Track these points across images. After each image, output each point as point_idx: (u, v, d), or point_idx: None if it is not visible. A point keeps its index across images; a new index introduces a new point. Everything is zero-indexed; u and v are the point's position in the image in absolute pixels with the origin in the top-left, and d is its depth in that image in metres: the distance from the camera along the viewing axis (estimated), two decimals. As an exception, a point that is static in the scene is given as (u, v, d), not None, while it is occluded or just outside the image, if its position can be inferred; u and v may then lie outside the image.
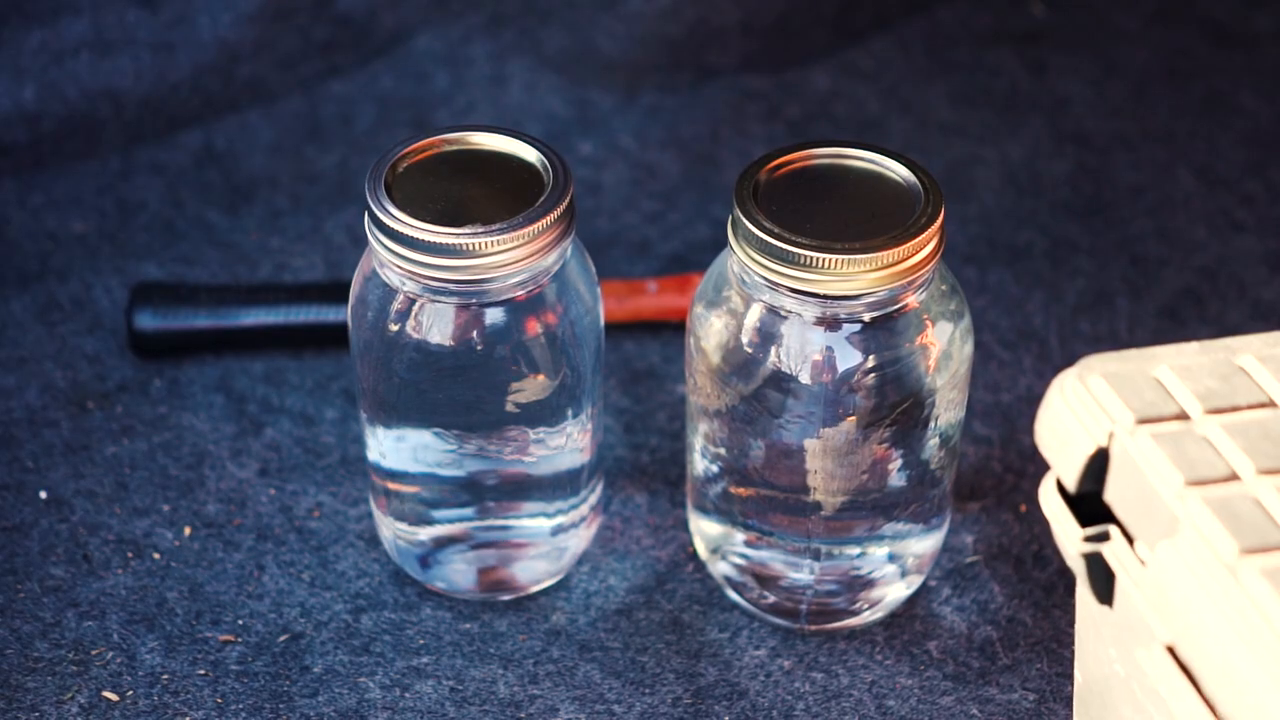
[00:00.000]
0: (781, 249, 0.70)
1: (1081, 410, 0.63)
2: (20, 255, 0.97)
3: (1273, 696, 0.53)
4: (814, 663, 0.78)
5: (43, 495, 0.84)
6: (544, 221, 0.71)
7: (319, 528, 0.83)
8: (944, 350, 0.74)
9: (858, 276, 0.70)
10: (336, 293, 0.92)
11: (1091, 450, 0.62)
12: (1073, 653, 0.78)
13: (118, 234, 0.99)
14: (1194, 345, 0.65)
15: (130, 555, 0.82)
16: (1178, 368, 0.63)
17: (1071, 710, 0.76)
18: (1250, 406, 0.62)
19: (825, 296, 0.71)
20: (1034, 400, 0.90)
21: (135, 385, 0.90)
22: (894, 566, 0.79)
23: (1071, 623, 0.79)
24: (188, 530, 0.83)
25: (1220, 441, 0.60)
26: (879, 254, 0.70)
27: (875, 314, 0.72)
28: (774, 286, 0.71)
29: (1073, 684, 0.76)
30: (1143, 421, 0.61)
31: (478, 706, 0.76)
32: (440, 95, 1.09)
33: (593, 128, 1.07)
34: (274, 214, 1.00)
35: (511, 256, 0.71)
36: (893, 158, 0.74)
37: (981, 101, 1.10)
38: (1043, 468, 0.87)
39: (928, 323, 0.74)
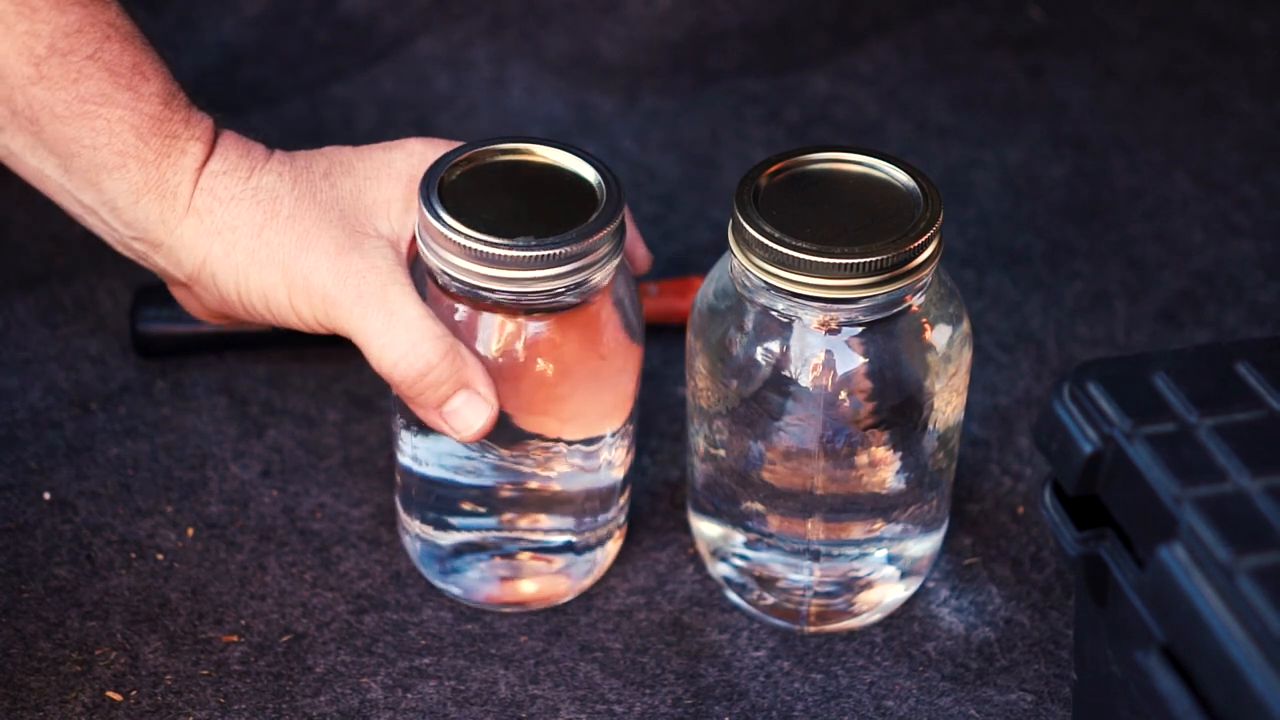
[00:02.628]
0: (782, 253, 0.70)
1: (1079, 414, 0.64)
2: (24, 257, 0.97)
3: (1267, 697, 0.53)
4: (813, 664, 0.78)
5: (46, 496, 0.84)
6: (596, 238, 0.71)
7: (321, 529, 0.84)
8: (943, 353, 0.75)
9: (857, 280, 0.70)
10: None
11: (1089, 453, 0.63)
12: (1070, 654, 0.78)
13: (120, 236, 0.99)
14: (1190, 349, 0.65)
15: (133, 556, 0.82)
16: (1174, 372, 0.64)
17: (1069, 711, 0.76)
18: (1246, 410, 0.62)
19: (825, 300, 0.71)
20: (1032, 403, 0.90)
21: (138, 387, 0.90)
22: (893, 568, 0.79)
23: (1069, 624, 0.80)
24: (190, 531, 0.83)
25: (1216, 445, 0.61)
26: (879, 258, 0.70)
27: (875, 317, 0.72)
28: (774, 290, 0.72)
29: (1070, 685, 0.76)
30: (1140, 425, 0.62)
31: (479, 706, 0.76)
32: (442, 98, 1.09)
33: (593, 131, 1.08)
34: (276, 216, 1.00)
35: (561, 270, 0.71)
36: (892, 162, 0.74)
37: (980, 105, 1.11)
38: (1040, 470, 0.87)
39: (927, 326, 0.74)
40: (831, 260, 0.70)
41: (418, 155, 0.75)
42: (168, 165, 0.73)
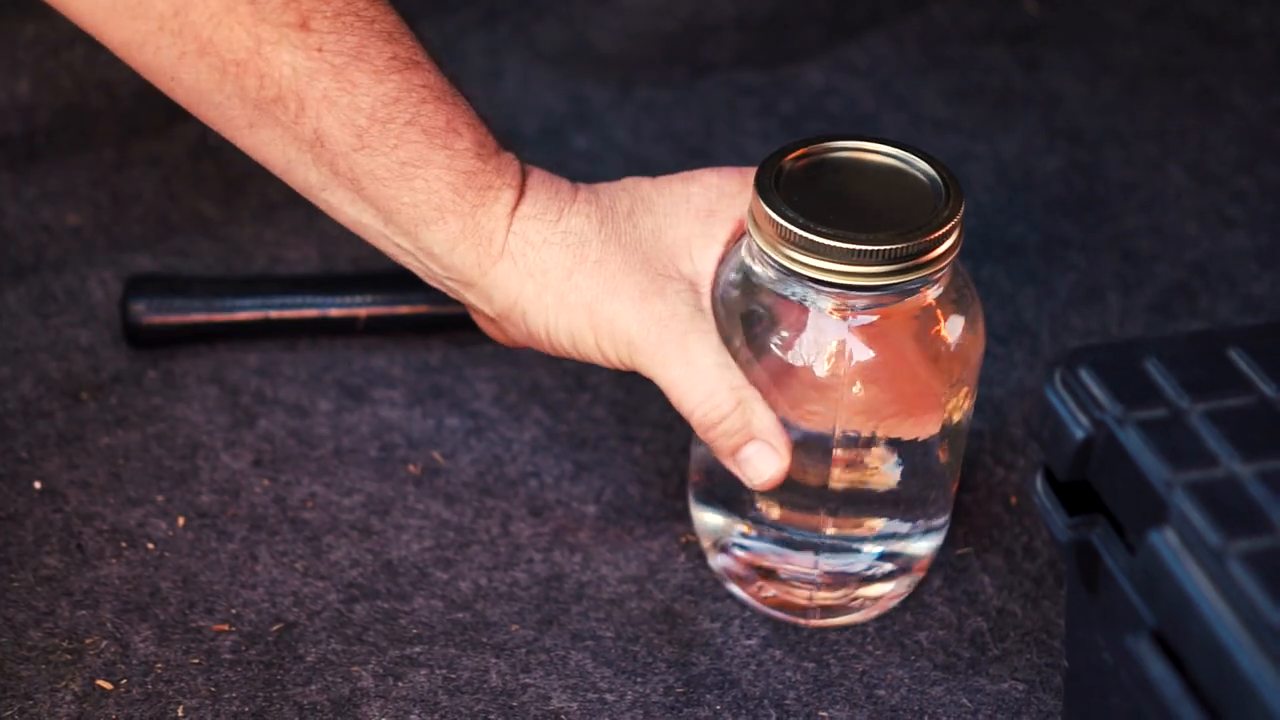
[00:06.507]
0: (802, 237, 0.70)
1: (1071, 400, 0.63)
2: (15, 247, 0.97)
3: (1258, 681, 0.53)
4: (805, 652, 0.78)
5: (37, 485, 0.84)
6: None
7: (312, 518, 0.84)
8: (955, 348, 0.74)
9: (875, 268, 0.70)
10: (330, 284, 0.92)
11: (1080, 439, 0.63)
12: (1062, 643, 0.78)
13: (112, 226, 0.99)
14: (1182, 336, 0.65)
15: (124, 545, 0.82)
16: (1166, 358, 0.64)
17: (1061, 699, 0.76)
18: (1237, 395, 0.62)
19: (842, 286, 0.71)
20: (1025, 394, 0.90)
21: (129, 376, 0.90)
22: (893, 565, 0.79)
23: (1060, 614, 0.80)
24: (181, 520, 0.83)
25: (1207, 430, 0.61)
26: (898, 245, 0.70)
27: (890, 306, 0.72)
28: (791, 275, 0.72)
29: (1061, 673, 0.76)
30: (1131, 410, 0.62)
31: (470, 695, 0.76)
32: (435, 90, 1.09)
33: (588, 122, 1.08)
34: (268, 206, 1.00)
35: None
36: (914, 154, 0.74)
37: (975, 98, 1.10)
38: (1033, 461, 0.87)
39: (941, 318, 0.74)
40: (850, 246, 0.70)
41: (714, 189, 0.77)
42: (482, 214, 0.74)
